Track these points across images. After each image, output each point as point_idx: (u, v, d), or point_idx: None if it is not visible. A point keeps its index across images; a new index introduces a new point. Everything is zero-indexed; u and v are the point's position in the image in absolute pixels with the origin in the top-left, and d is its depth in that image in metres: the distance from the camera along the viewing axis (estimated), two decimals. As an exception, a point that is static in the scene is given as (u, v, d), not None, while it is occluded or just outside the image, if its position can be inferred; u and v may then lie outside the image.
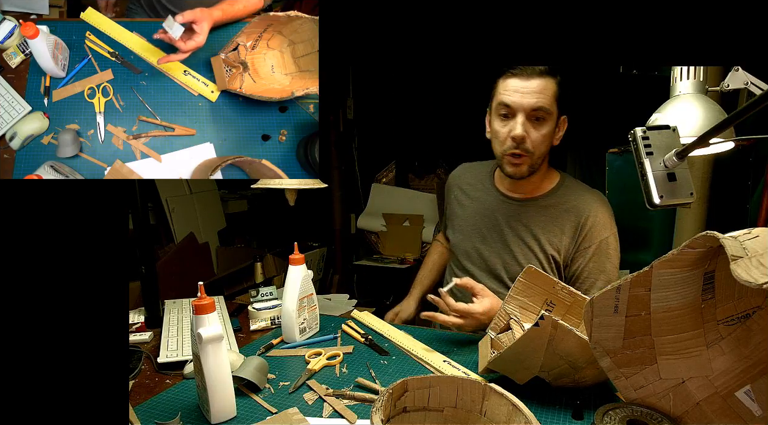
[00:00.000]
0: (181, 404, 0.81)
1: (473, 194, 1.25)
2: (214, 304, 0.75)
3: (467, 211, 1.24)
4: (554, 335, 0.72)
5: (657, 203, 0.71)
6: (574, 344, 0.72)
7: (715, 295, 0.61)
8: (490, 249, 1.17)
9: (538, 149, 1.05)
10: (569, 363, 0.75)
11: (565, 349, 0.73)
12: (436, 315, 0.99)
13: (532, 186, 1.15)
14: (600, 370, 0.71)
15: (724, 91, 0.79)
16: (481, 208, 1.21)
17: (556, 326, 0.70)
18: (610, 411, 0.66)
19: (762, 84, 0.76)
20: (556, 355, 0.74)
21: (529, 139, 1.03)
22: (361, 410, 0.77)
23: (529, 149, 1.04)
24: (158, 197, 2.65)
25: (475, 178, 1.27)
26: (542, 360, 0.75)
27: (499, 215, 1.17)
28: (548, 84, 1.02)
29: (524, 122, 1.02)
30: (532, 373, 0.79)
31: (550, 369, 0.77)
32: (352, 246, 3.15)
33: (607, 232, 1.09)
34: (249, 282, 2.49)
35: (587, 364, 0.74)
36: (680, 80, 0.84)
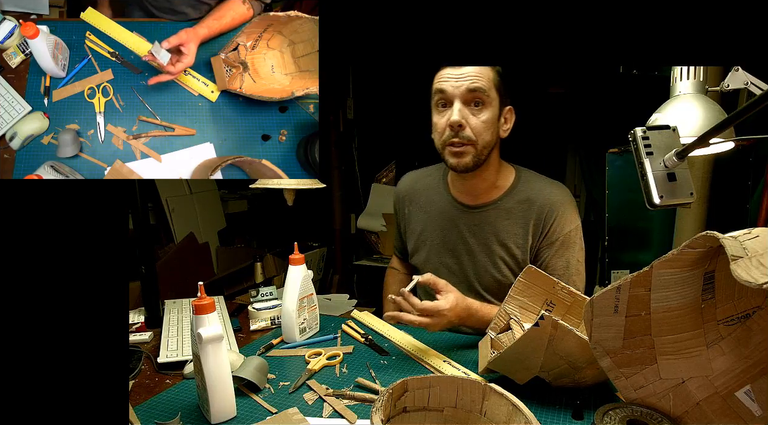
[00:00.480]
0: (181, 404, 0.81)
1: (428, 207, 1.17)
2: (214, 304, 0.75)
3: (426, 226, 1.17)
4: (554, 335, 0.72)
5: (657, 203, 0.71)
6: (574, 344, 0.72)
7: (715, 295, 0.61)
8: (458, 262, 1.13)
9: (481, 137, 1.00)
10: (569, 363, 0.75)
11: (565, 349, 0.73)
12: (400, 315, 0.93)
13: (486, 184, 1.09)
14: (600, 370, 0.71)
15: (724, 91, 0.79)
16: (439, 221, 1.15)
17: (556, 326, 0.71)
18: (610, 411, 0.66)
19: (762, 84, 0.76)
20: (556, 355, 0.74)
21: (468, 126, 0.99)
22: (361, 410, 0.77)
23: (470, 137, 0.99)
24: (158, 197, 2.65)
25: (426, 186, 1.20)
26: (542, 360, 0.75)
27: (461, 225, 1.12)
28: (483, 70, 0.98)
29: (462, 108, 0.98)
30: (533, 373, 0.79)
31: (550, 369, 0.77)
32: (352, 246, 3.14)
33: (571, 225, 1.06)
34: (249, 282, 2.49)
35: (587, 364, 0.74)
36: (680, 80, 0.84)
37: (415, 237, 1.20)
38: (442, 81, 1.00)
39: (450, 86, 0.98)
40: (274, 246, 2.86)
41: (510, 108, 1.06)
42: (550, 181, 1.11)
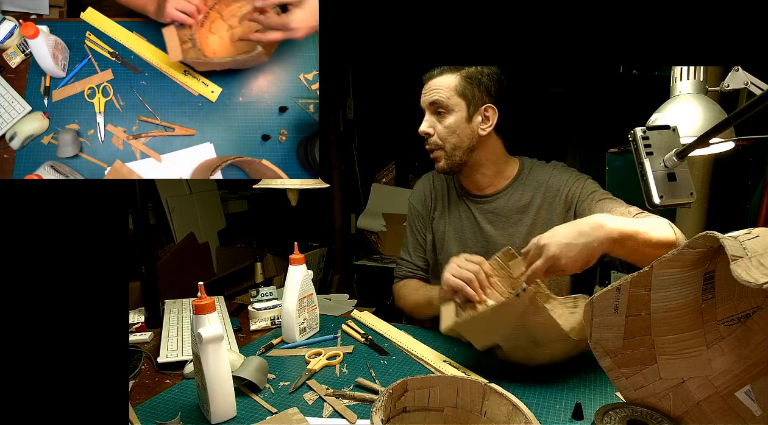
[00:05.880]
0: (181, 404, 0.81)
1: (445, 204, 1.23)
2: (214, 304, 0.75)
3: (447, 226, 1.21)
4: (528, 309, 0.77)
5: (657, 203, 0.71)
6: (543, 322, 0.78)
7: (715, 295, 0.61)
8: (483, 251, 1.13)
9: (447, 141, 1.09)
10: (532, 338, 0.81)
11: (533, 325, 0.78)
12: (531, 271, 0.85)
13: (487, 178, 1.15)
14: (554, 352, 0.81)
15: (724, 91, 0.79)
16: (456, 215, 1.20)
17: (534, 301, 0.76)
18: (610, 411, 0.66)
19: (762, 84, 0.76)
20: (523, 328, 0.79)
21: (436, 133, 1.10)
22: (361, 410, 0.77)
23: (437, 142, 1.10)
24: (158, 197, 2.65)
25: (442, 182, 1.26)
26: (509, 330, 0.80)
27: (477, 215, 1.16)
28: (446, 79, 1.07)
29: (428, 118, 1.10)
30: (494, 341, 0.84)
31: (511, 340, 0.82)
32: (352, 246, 3.14)
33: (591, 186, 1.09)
34: (249, 282, 2.49)
35: (546, 344, 0.81)
36: (680, 80, 0.84)
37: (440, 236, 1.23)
38: (421, 95, 1.12)
39: (422, 100, 1.11)
40: (274, 246, 2.86)
41: (488, 106, 1.09)
42: (552, 164, 1.17)
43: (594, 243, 0.79)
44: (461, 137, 1.09)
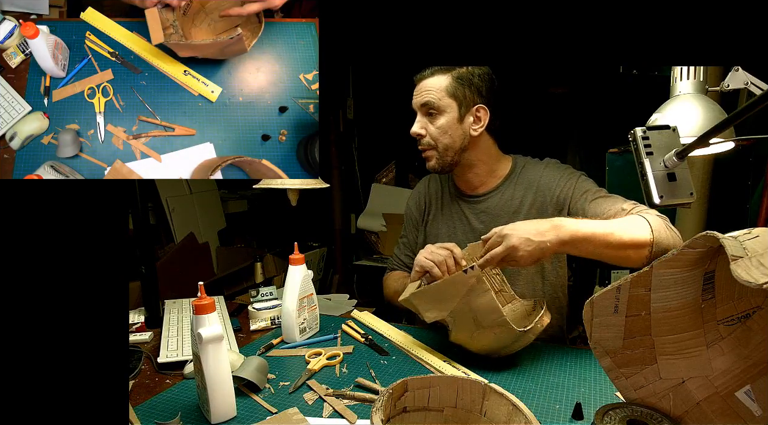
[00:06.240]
0: (181, 404, 0.81)
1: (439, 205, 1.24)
2: (214, 304, 0.75)
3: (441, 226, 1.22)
4: (474, 287, 0.83)
5: (657, 203, 0.71)
6: (486, 303, 0.83)
7: (715, 295, 0.61)
8: None
9: (439, 141, 1.10)
10: (474, 318, 0.85)
11: (477, 304, 0.84)
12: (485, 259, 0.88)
13: (479, 178, 1.16)
14: (493, 341, 0.85)
15: (724, 91, 0.79)
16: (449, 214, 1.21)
17: (480, 280, 0.82)
18: (610, 411, 0.66)
19: (762, 84, 0.76)
20: (468, 306, 0.84)
21: (428, 134, 1.10)
22: (361, 410, 0.77)
23: (429, 142, 1.11)
24: (158, 197, 2.65)
25: (437, 184, 1.27)
26: (455, 305, 0.85)
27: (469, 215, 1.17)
28: (437, 80, 1.08)
29: (420, 119, 1.11)
30: (442, 315, 0.88)
31: (456, 317, 0.87)
32: (352, 246, 3.14)
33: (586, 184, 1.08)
34: (249, 282, 2.49)
35: (487, 327, 0.84)
36: (680, 80, 0.84)
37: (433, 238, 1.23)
38: (413, 97, 1.13)
39: (414, 102, 1.12)
40: (274, 246, 2.86)
41: (479, 106, 1.09)
42: (545, 162, 1.16)
43: (547, 242, 0.84)
44: (453, 138, 1.09)
